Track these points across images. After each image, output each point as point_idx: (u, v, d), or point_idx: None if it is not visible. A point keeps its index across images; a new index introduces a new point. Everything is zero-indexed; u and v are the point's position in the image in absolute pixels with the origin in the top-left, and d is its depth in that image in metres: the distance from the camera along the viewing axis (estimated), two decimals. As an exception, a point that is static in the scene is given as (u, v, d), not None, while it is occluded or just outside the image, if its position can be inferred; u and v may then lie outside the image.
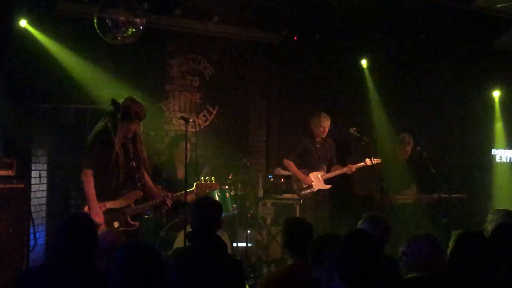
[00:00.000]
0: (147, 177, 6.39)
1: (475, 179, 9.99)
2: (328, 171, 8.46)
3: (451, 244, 4.15)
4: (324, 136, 8.43)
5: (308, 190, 8.28)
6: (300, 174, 8.34)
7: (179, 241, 6.60)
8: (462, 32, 8.99)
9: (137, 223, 6.11)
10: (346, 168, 8.39)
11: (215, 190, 7.17)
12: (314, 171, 8.37)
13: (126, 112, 5.93)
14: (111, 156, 5.94)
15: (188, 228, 4.78)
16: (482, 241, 3.94)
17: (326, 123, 8.35)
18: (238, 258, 4.45)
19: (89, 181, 5.87)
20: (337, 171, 8.46)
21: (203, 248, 4.24)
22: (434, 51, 9.80)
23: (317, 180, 8.35)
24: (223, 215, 7.31)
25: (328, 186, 8.40)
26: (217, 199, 7.43)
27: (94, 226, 3.77)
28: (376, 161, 8.06)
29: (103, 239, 4.41)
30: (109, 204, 5.96)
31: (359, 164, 8.35)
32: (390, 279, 3.86)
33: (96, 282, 3.48)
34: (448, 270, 3.93)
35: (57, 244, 3.60)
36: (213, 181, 6.81)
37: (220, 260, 4.27)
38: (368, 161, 8.04)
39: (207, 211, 4.52)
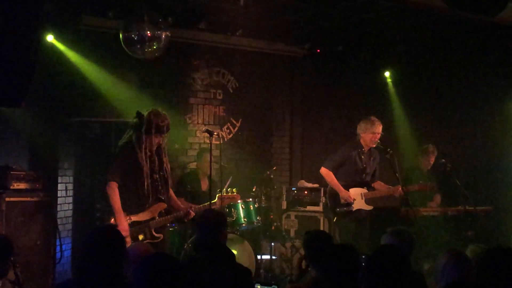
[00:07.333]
0: (170, 190, 6.44)
1: (501, 191, 9.87)
2: (370, 187, 7.63)
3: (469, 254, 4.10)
4: (374, 145, 7.49)
5: (345, 208, 7.47)
6: (340, 188, 7.47)
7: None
8: (486, 44, 8.93)
9: (161, 235, 6.12)
10: (393, 190, 7.45)
11: (237, 202, 7.21)
12: (356, 187, 7.53)
13: (148, 126, 5.98)
14: (136, 168, 6.00)
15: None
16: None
17: (379, 128, 7.46)
18: (246, 267, 4.43)
19: (114, 193, 5.94)
20: (382, 192, 7.61)
21: (210, 258, 4.24)
22: (458, 63, 9.74)
23: (358, 198, 7.49)
24: (246, 227, 7.52)
25: (370, 207, 7.53)
26: (241, 211, 7.48)
27: (122, 238, 3.73)
28: (430, 186, 7.83)
29: (133, 252, 4.44)
30: (134, 217, 6.00)
31: (411, 187, 7.63)
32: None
33: None
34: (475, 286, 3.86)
35: (86, 257, 3.55)
36: (235, 193, 6.84)
37: (228, 269, 4.27)
38: (421, 185, 7.68)
39: (210, 222, 4.56)
